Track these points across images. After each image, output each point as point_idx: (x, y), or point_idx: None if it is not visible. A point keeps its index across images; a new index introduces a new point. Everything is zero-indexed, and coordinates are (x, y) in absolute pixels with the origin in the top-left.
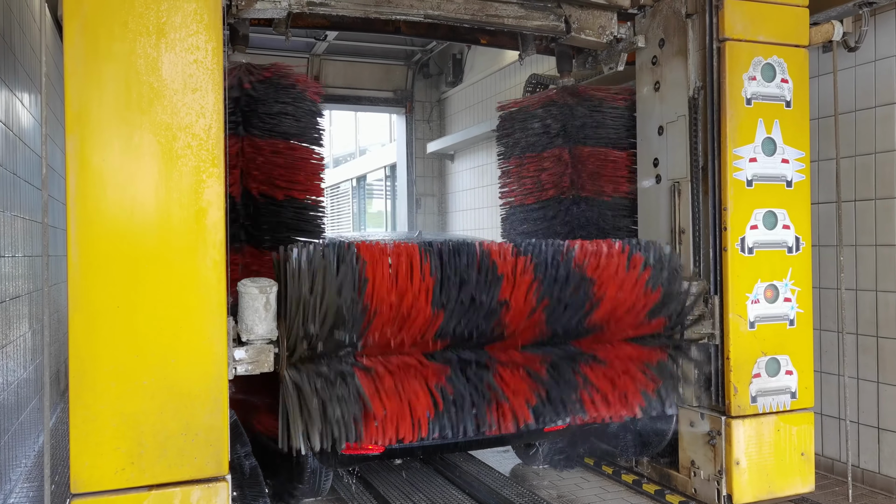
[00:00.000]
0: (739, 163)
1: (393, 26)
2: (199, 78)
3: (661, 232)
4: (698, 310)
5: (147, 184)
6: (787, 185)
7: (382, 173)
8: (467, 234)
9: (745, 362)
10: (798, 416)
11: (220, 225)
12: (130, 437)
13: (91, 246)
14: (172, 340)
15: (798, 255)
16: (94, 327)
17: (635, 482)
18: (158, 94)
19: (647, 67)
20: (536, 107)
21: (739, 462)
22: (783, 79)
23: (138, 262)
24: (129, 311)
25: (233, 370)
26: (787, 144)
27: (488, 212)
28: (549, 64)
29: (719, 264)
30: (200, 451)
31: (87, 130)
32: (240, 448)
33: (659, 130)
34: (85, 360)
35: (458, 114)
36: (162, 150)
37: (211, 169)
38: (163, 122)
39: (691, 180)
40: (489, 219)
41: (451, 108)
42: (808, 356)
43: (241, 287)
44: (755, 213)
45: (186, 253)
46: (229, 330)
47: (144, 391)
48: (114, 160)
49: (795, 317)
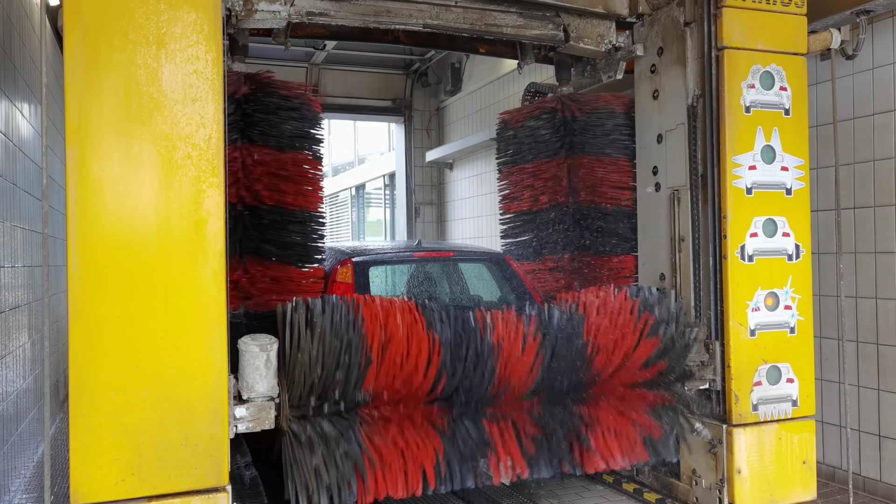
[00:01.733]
0: (739, 170)
1: (392, 36)
2: (199, 88)
3: (661, 240)
4: (700, 356)
5: (147, 194)
6: (786, 192)
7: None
8: (467, 243)
9: (746, 370)
10: (799, 424)
11: (219, 235)
12: (130, 447)
13: (91, 256)
14: (172, 351)
15: (798, 263)
16: (94, 338)
17: (636, 491)
18: (158, 105)
19: (646, 76)
20: (536, 115)
21: (741, 471)
22: (782, 86)
23: (138, 273)
24: (129, 321)
25: (233, 429)
26: (786, 152)
27: (487, 220)
28: (548, 73)
29: (719, 272)
30: (200, 462)
31: (87, 141)
32: (240, 458)
33: (658, 138)
34: (84, 370)
35: (456, 122)
36: (162, 160)
37: (211, 179)
38: (163, 133)
39: (690, 188)
40: (488, 227)
41: (449, 117)
42: (809, 364)
43: (242, 345)
44: (755, 220)
45: (186, 263)
46: (230, 388)
47: (144, 402)
48: (114, 170)
49: (796, 324)
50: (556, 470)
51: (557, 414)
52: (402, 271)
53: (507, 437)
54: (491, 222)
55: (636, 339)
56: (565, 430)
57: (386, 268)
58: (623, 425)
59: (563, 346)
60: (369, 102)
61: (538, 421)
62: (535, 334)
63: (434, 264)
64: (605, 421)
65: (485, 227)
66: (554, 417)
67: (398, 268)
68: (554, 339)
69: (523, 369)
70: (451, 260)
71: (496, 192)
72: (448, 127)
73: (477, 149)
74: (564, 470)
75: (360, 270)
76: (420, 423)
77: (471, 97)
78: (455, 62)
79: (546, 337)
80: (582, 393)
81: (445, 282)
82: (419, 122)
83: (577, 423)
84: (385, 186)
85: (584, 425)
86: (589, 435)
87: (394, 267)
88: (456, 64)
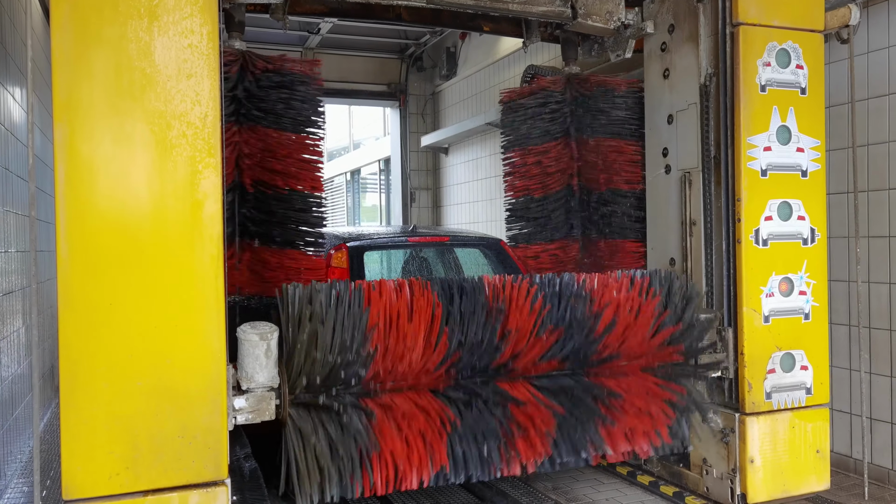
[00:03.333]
0: (754, 152)
1: (394, 13)
2: (193, 63)
3: (671, 224)
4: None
5: (140, 175)
6: (802, 174)
7: (376, 167)
8: (463, 228)
9: (760, 358)
10: (813, 413)
11: (217, 218)
12: (124, 440)
13: (81, 240)
14: (168, 339)
15: (813, 247)
16: (86, 326)
17: (652, 484)
18: (151, 81)
19: (656, 54)
20: (542, 95)
21: (754, 460)
22: (798, 65)
23: (131, 257)
24: (122, 308)
25: (232, 420)
26: (802, 133)
27: (483, 205)
28: (547, 55)
29: (733, 257)
30: (198, 455)
31: (76, 119)
32: (239, 450)
33: (668, 119)
34: (76, 360)
35: (452, 107)
36: (155, 139)
37: (207, 159)
38: (156, 111)
39: (703, 170)
40: (484, 212)
41: (445, 102)
42: (823, 351)
43: (241, 334)
44: (769, 203)
45: (182, 247)
46: (228, 378)
47: (139, 392)
48: (104, 150)
49: (810, 310)
50: (576, 454)
51: (573, 388)
52: (398, 256)
53: (525, 418)
54: (486, 207)
55: (649, 314)
56: (583, 408)
57: (381, 253)
58: (640, 402)
59: (571, 311)
60: (364, 87)
61: (555, 392)
62: (539, 296)
63: (429, 249)
64: (622, 398)
65: (480, 212)
66: (569, 392)
67: (393, 253)
68: (560, 304)
69: (532, 331)
70: (447, 245)
71: (492, 176)
72: (443, 111)
73: (472, 133)
74: (590, 451)
75: (356, 255)
76: (431, 405)
77: (466, 81)
78: (450, 46)
79: (551, 299)
80: (594, 365)
81: (441, 266)
82: (414, 107)
83: (593, 399)
84: (380, 171)
85: (601, 402)
86: (607, 414)
87: (389, 252)
88: (451, 48)
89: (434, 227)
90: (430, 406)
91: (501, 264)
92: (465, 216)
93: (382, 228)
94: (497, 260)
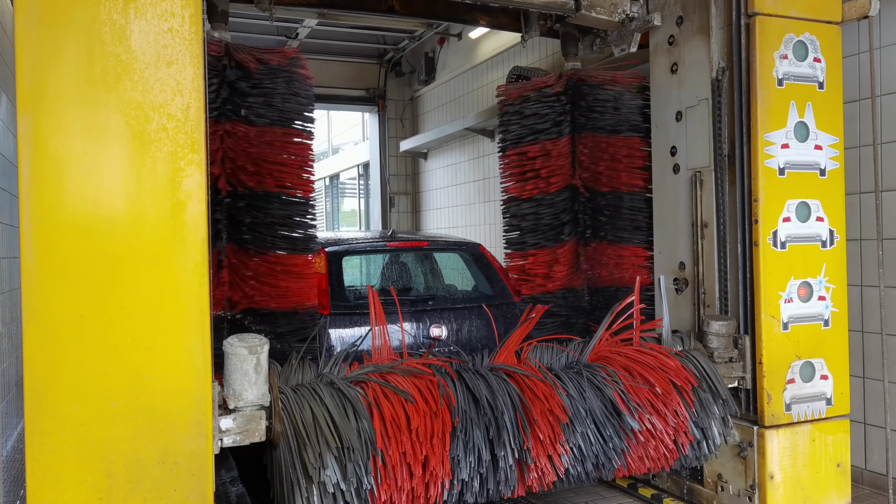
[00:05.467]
0: (771, 149)
1: (386, 5)
2: (174, 49)
3: (680, 226)
4: (728, 353)
5: (115, 173)
6: (820, 173)
7: (355, 172)
8: (443, 233)
9: (779, 367)
10: (833, 425)
11: (201, 220)
12: (98, 468)
13: (49, 246)
14: (147, 355)
15: (832, 250)
16: (53, 341)
17: (654, 497)
18: (127, 68)
19: (663, 48)
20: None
21: (774, 476)
22: (816, 58)
23: (105, 264)
24: (95, 321)
25: (218, 443)
26: (820, 129)
27: (462, 210)
28: (531, 58)
29: (749, 261)
30: (181, 483)
31: (42, 110)
32: (225, 473)
33: (677, 116)
34: (42, 379)
35: (430, 112)
36: (132, 132)
37: (190, 155)
38: (132, 101)
39: (715, 169)
40: (463, 217)
41: (423, 107)
42: (843, 359)
43: (228, 347)
44: (787, 203)
45: (162, 253)
46: (214, 396)
47: (114, 414)
48: (75, 145)
49: (830, 316)
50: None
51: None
52: (377, 261)
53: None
54: (466, 212)
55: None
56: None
57: (360, 258)
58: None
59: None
60: (343, 92)
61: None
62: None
63: (408, 254)
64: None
65: (459, 216)
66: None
67: (372, 258)
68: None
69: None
70: (426, 250)
71: (471, 181)
72: (422, 116)
73: (451, 138)
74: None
75: (334, 260)
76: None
77: (445, 87)
78: (429, 52)
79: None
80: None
81: (420, 271)
82: (393, 112)
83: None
84: (359, 176)
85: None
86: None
87: (368, 257)
88: (430, 53)
89: (413, 231)
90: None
91: (480, 269)
92: (444, 221)
93: (361, 233)
94: (476, 265)
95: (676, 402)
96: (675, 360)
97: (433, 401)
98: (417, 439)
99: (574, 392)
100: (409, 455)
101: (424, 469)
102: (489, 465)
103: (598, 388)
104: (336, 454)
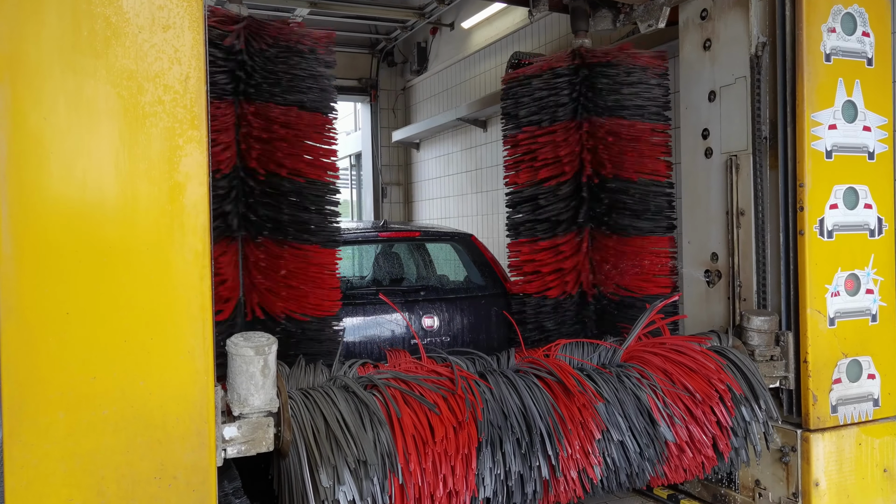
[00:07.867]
0: (818, 130)
1: None
2: (171, 11)
3: (713, 214)
4: (769, 350)
5: (104, 151)
6: (868, 156)
7: (348, 162)
8: (435, 224)
9: (825, 366)
10: (881, 427)
11: (202, 205)
12: (87, 484)
13: (29, 234)
14: (141, 356)
15: (881, 240)
16: (36, 341)
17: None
18: (118, 32)
19: (695, 23)
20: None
21: (819, 483)
22: (864, 31)
23: (94, 255)
24: (83, 319)
25: (221, 454)
26: (868, 109)
27: (454, 201)
28: (530, 44)
29: (793, 251)
30: (180, 499)
31: (21, 79)
32: (227, 484)
33: (710, 96)
34: (23, 384)
35: (423, 102)
36: (123, 105)
37: (190, 132)
38: (124, 69)
39: (754, 153)
40: (455, 208)
41: (416, 97)
42: (891, 357)
43: (232, 348)
44: (835, 189)
45: (158, 242)
46: (217, 402)
47: (105, 423)
48: (58, 120)
49: (878, 311)
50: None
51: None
52: (369, 251)
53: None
54: (458, 202)
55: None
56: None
57: (352, 248)
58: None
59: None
60: (335, 82)
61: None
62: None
63: (400, 244)
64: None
65: (452, 207)
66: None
67: (364, 248)
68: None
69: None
70: (418, 240)
71: (463, 171)
72: (414, 107)
73: (444, 129)
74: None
75: None
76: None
77: (437, 77)
78: (421, 41)
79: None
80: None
81: (412, 262)
82: (385, 102)
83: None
84: (351, 167)
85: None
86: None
87: (360, 247)
88: (422, 43)
89: (406, 222)
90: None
91: (472, 260)
92: (436, 211)
93: (353, 223)
94: (468, 256)
95: (719, 410)
96: (714, 362)
97: (459, 411)
98: (444, 453)
99: (609, 396)
100: (429, 472)
101: (444, 485)
102: (517, 481)
103: (633, 393)
104: (352, 467)
